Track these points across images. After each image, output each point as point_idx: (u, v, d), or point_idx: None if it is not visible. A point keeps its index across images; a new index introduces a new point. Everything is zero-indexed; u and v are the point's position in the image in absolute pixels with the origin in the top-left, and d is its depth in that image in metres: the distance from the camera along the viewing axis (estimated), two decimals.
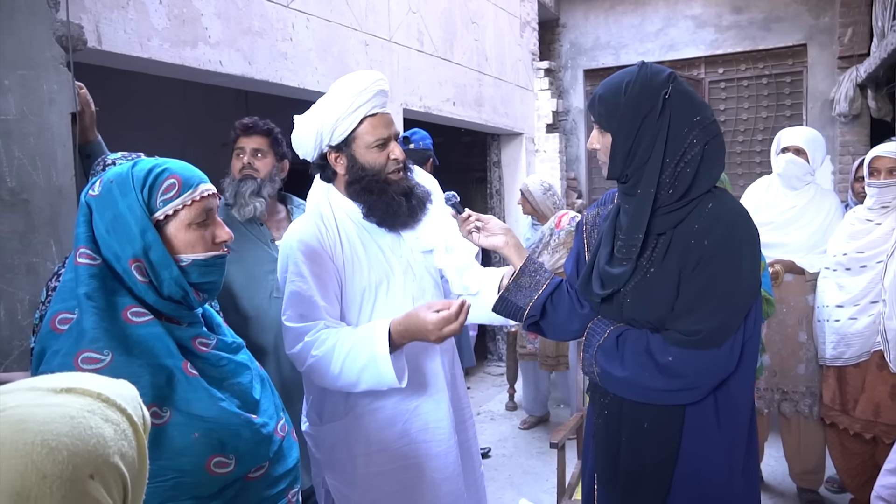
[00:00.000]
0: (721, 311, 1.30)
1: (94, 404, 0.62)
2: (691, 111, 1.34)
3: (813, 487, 3.13)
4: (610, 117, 1.38)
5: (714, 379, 1.33)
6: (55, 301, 1.11)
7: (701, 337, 1.29)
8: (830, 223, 2.93)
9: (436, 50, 4.54)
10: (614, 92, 1.37)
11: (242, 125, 2.23)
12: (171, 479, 1.04)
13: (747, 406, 1.40)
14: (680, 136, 1.32)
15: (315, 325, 1.56)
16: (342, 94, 1.62)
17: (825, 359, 2.81)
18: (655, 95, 1.33)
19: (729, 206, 1.35)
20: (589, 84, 6.65)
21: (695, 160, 1.32)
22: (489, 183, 5.97)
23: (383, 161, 1.65)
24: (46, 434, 0.55)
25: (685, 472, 1.37)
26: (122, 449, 0.61)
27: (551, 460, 3.46)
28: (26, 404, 0.59)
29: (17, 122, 1.89)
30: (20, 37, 1.89)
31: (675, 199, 1.33)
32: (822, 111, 5.65)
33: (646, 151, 1.34)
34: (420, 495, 1.67)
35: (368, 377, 1.51)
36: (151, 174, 1.10)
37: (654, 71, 1.37)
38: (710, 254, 1.30)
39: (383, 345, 1.48)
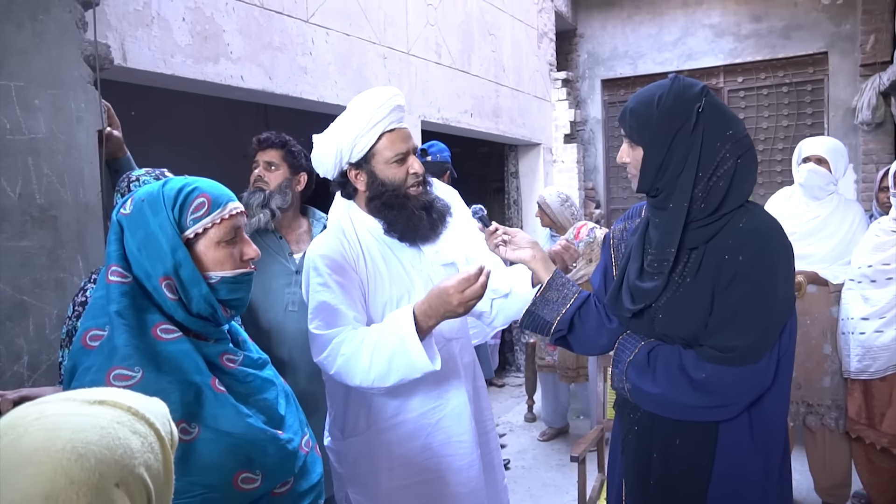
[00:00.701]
0: (757, 327, 1.28)
1: (123, 416, 0.64)
2: (724, 125, 1.33)
3: (839, 502, 3.07)
4: (641, 130, 1.37)
5: (749, 395, 1.31)
6: (86, 317, 1.13)
7: (737, 353, 1.28)
8: (854, 234, 2.89)
9: (453, 62, 4.56)
10: (646, 105, 1.36)
11: (258, 139, 2.27)
12: (200, 495, 1.05)
13: (782, 422, 1.38)
14: (713, 150, 1.31)
15: (342, 329, 1.57)
16: (360, 111, 1.64)
17: (850, 372, 2.77)
18: (689, 108, 1.32)
19: (763, 221, 1.33)
20: (606, 94, 6.64)
21: (728, 174, 1.31)
22: (507, 194, 5.97)
23: (403, 176, 1.67)
24: (77, 441, 0.58)
25: (719, 488, 1.36)
26: (147, 461, 0.63)
27: (571, 472, 3.44)
28: (61, 413, 0.61)
29: (45, 141, 1.93)
30: (50, 57, 1.94)
31: (708, 213, 1.32)
32: (843, 119, 5.58)
33: (678, 165, 1.33)
34: None
35: (399, 363, 1.48)
36: (182, 193, 1.12)
37: (687, 84, 1.36)
38: (745, 269, 1.28)
39: (409, 326, 1.46)
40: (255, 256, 1.19)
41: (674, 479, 1.40)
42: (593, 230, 3.87)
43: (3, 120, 1.83)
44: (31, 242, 1.91)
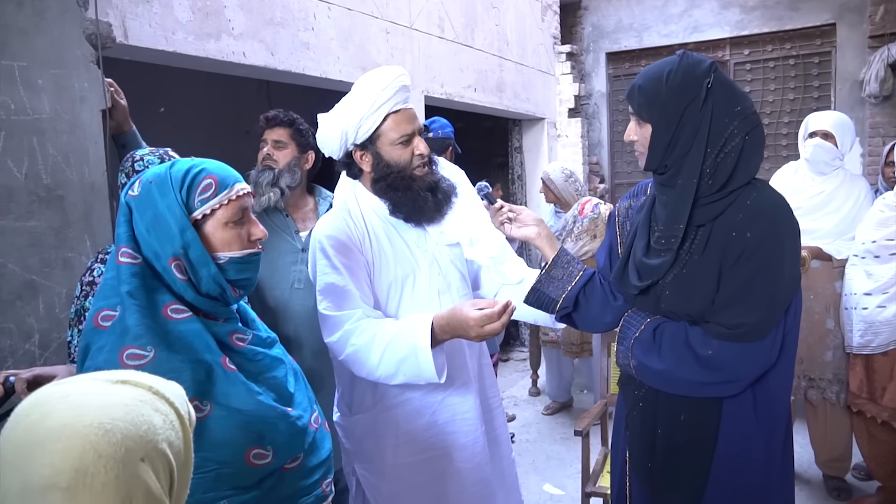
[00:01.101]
0: (764, 304, 1.29)
1: (145, 395, 0.67)
2: (733, 101, 1.33)
3: (839, 475, 3.12)
4: (650, 107, 1.37)
5: (755, 372, 1.33)
6: (98, 298, 1.14)
7: (744, 330, 1.29)
8: (860, 209, 2.88)
9: (456, 36, 4.52)
10: (655, 81, 1.35)
11: (265, 118, 2.26)
12: (213, 471, 1.08)
13: (785, 398, 1.40)
14: (722, 126, 1.31)
15: (353, 313, 1.58)
16: (365, 92, 1.63)
17: (852, 347, 2.78)
18: (698, 85, 1.32)
19: (771, 199, 1.34)
20: (611, 67, 6.58)
21: (735, 150, 1.31)
22: (511, 169, 5.95)
23: (408, 157, 1.66)
24: (103, 418, 0.61)
25: (723, 464, 1.38)
26: (169, 438, 0.66)
27: (575, 446, 3.49)
28: (86, 391, 0.64)
29: (50, 121, 1.93)
30: (52, 36, 1.93)
31: (715, 189, 1.33)
32: (850, 92, 5.53)
33: (687, 142, 1.33)
34: (448, 485, 1.70)
35: (407, 369, 1.52)
36: (189, 174, 1.13)
37: (696, 60, 1.35)
38: (753, 246, 1.29)
39: (425, 338, 1.49)
40: (262, 237, 1.20)
41: (678, 454, 1.42)
42: (597, 206, 3.86)
43: (8, 100, 1.83)
44: (38, 222, 1.92)
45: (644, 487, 1.51)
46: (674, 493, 1.44)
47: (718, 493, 1.39)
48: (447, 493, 1.70)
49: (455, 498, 1.70)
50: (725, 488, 1.38)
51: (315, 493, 1.23)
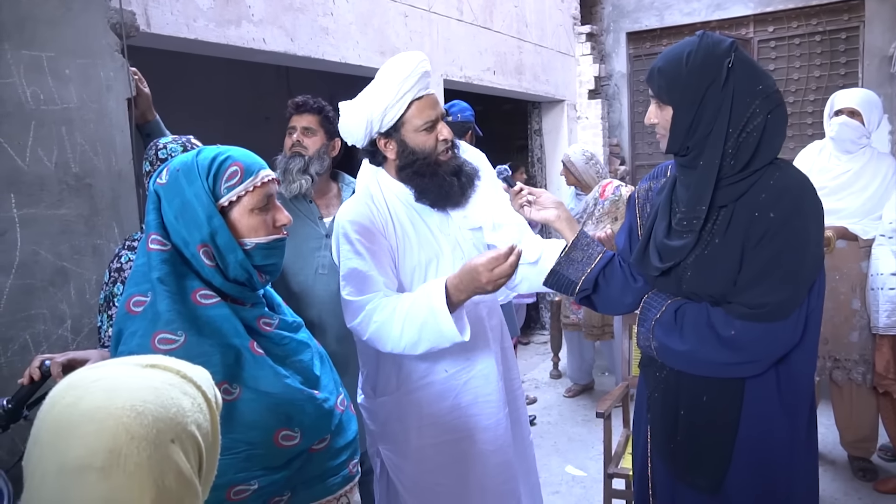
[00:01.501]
0: (788, 284, 1.29)
1: (174, 379, 0.69)
2: (755, 80, 1.32)
3: (865, 456, 3.09)
4: (671, 89, 1.36)
5: (778, 351, 1.33)
6: (129, 284, 1.17)
7: (768, 309, 1.29)
8: (887, 188, 2.83)
9: (475, 18, 4.49)
10: (675, 63, 1.34)
11: (294, 104, 2.27)
12: (244, 452, 1.11)
13: (809, 378, 1.40)
14: (743, 106, 1.30)
15: (375, 296, 1.60)
16: (388, 80, 1.64)
17: (879, 328, 2.75)
18: (719, 65, 1.31)
19: (795, 178, 1.33)
20: (632, 47, 6.48)
21: (757, 130, 1.30)
22: (530, 151, 5.92)
23: (433, 143, 1.67)
24: (135, 400, 0.63)
25: (746, 444, 1.38)
26: (198, 420, 0.68)
27: (596, 428, 3.50)
28: (117, 375, 0.66)
29: (77, 110, 1.97)
30: (77, 26, 1.96)
31: (738, 170, 1.32)
32: (879, 68, 5.39)
33: (709, 123, 1.32)
34: (471, 466, 1.72)
35: (429, 333, 1.52)
36: (215, 162, 1.15)
37: (716, 40, 1.34)
38: (776, 226, 1.28)
39: (440, 298, 1.50)
40: (287, 222, 1.22)
41: (700, 435, 1.43)
42: (619, 188, 3.84)
43: (37, 90, 1.87)
44: (68, 210, 1.97)
45: (666, 469, 1.52)
46: (696, 474, 1.44)
47: (741, 472, 1.39)
48: (470, 474, 1.72)
49: (478, 480, 1.72)
50: (749, 468, 1.39)
51: (342, 474, 1.26)
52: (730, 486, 1.41)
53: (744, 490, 1.40)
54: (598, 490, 2.75)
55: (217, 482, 1.09)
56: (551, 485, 3.17)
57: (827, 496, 2.91)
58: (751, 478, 1.39)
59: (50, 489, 0.60)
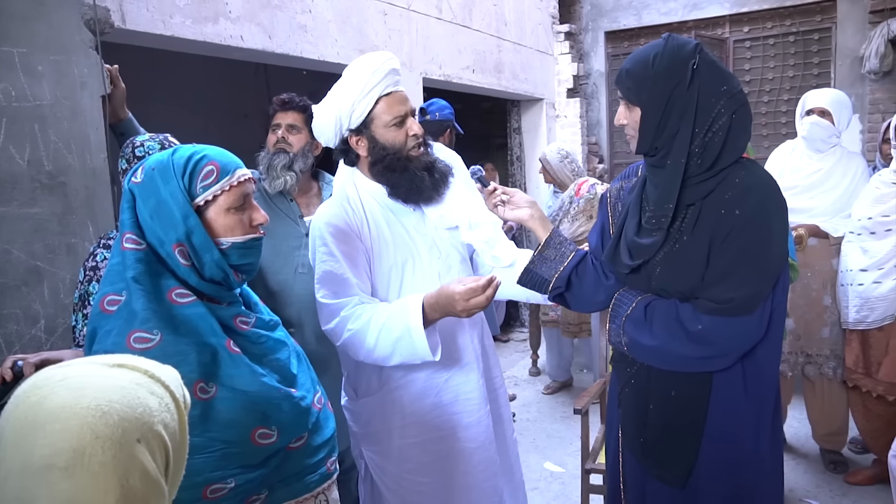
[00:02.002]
0: (753, 279, 1.33)
1: (142, 379, 0.69)
2: (719, 81, 1.35)
3: (836, 448, 3.16)
4: (639, 91, 1.39)
5: (744, 345, 1.36)
6: (103, 283, 1.16)
7: (734, 304, 1.33)
8: (856, 187, 2.90)
9: (454, 17, 4.50)
10: (642, 65, 1.38)
11: (280, 101, 2.26)
12: (220, 450, 1.11)
13: (774, 373, 1.43)
14: (709, 106, 1.34)
15: (350, 300, 1.62)
16: (355, 77, 1.65)
17: (848, 322, 2.81)
18: (684, 66, 1.34)
19: (760, 177, 1.37)
20: (610, 46, 6.54)
21: (723, 129, 1.34)
22: (510, 150, 5.95)
23: (402, 138, 1.69)
24: (100, 400, 0.62)
25: (713, 438, 1.41)
26: (165, 420, 0.68)
27: (575, 424, 3.53)
28: (84, 374, 0.66)
29: (51, 107, 1.94)
30: (51, 22, 1.93)
31: (704, 169, 1.36)
32: (851, 69, 5.50)
33: (676, 123, 1.36)
34: (453, 464, 1.73)
35: (402, 349, 1.56)
36: (191, 161, 1.14)
37: (681, 42, 1.38)
38: (741, 224, 1.32)
39: (417, 317, 1.53)
40: (263, 222, 1.22)
41: (669, 429, 1.46)
42: (594, 186, 3.88)
43: (9, 87, 1.84)
44: (41, 209, 1.94)
45: (637, 463, 1.55)
46: (665, 467, 1.48)
47: (709, 466, 1.42)
48: (453, 472, 1.73)
49: (461, 477, 1.74)
50: (715, 462, 1.42)
51: (320, 472, 1.27)
52: (698, 479, 1.44)
53: (711, 484, 1.43)
54: (577, 486, 2.78)
55: (193, 480, 1.10)
56: (530, 481, 3.19)
57: (799, 488, 2.98)
58: (718, 472, 1.42)
59: (13, 488, 0.59)
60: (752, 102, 5.92)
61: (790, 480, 3.04)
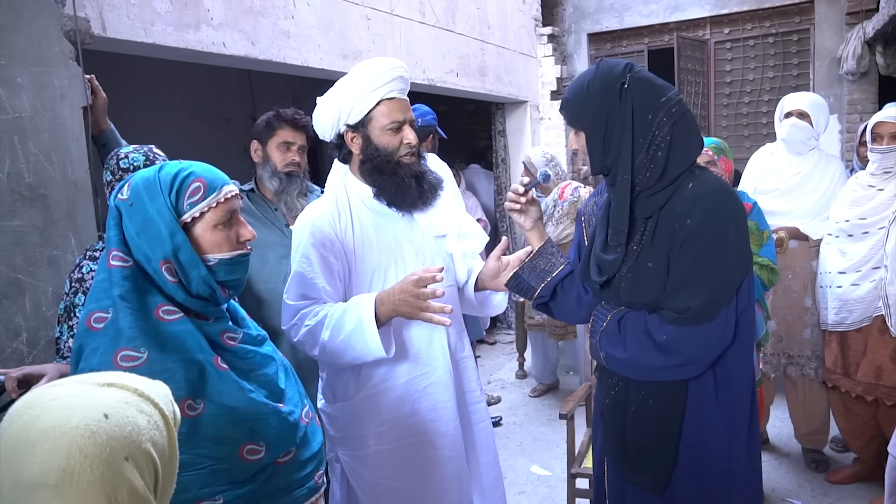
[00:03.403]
0: (709, 287, 1.34)
1: (131, 398, 0.70)
2: (654, 95, 1.39)
3: (817, 448, 3.22)
4: (580, 116, 1.46)
5: (711, 352, 1.38)
6: (90, 300, 1.16)
7: (692, 313, 1.35)
8: (834, 189, 2.94)
9: (438, 21, 4.50)
10: (578, 92, 1.45)
11: (292, 119, 2.24)
12: (208, 467, 1.11)
13: (746, 378, 1.45)
14: (646, 121, 1.38)
15: (311, 302, 1.66)
16: (362, 75, 1.68)
17: (827, 324, 2.86)
18: (615, 87, 1.39)
19: (709, 184, 1.39)
20: (593, 48, 6.57)
21: (665, 141, 1.37)
22: (495, 152, 5.96)
23: (396, 144, 1.71)
24: (89, 420, 0.64)
25: (689, 445, 1.44)
26: (153, 438, 0.69)
27: (561, 427, 3.56)
28: (74, 394, 0.68)
29: (31, 119, 1.93)
30: (29, 34, 1.91)
31: (654, 181, 1.39)
32: (829, 70, 5.58)
33: (618, 142, 1.40)
34: (428, 471, 1.74)
35: (355, 344, 1.57)
36: (178, 178, 1.14)
37: (611, 65, 1.44)
38: (694, 232, 1.34)
39: (369, 311, 1.56)
40: (251, 238, 1.22)
41: (647, 438, 1.48)
42: (577, 189, 3.90)
43: None
44: (22, 221, 1.92)
45: (619, 472, 1.57)
46: (642, 475, 1.50)
47: (686, 473, 1.45)
48: (428, 479, 1.74)
49: (435, 484, 1.75)
50: (691, 469, 1.44)
51: (308, 486, 1.27)
52: (675, 486, 1.46)
53: (687, 490, 1.45)
54: (563, 489, 2.80)
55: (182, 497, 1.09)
56: (517, 485, 3.21)
57: (782, 487, 3.02)
58: (694, 479, 1.45)
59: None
60: (732, 104, 6.01)
61: (773, 480, 3.09)
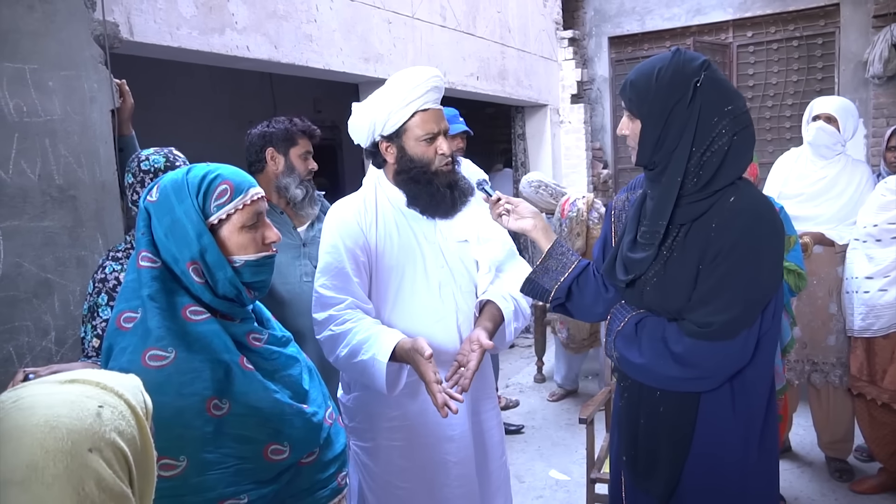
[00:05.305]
0: (735, 305, 1.30)
1: (92, 391, 0.72)
2: (723, 100, 1.33)
3: (842, 456, 3.16)
4: (640, 104, 1.38)
5: (727, 370, 1.34)
6: (119, 300, 1.18)
7: (713, 329, 1.30)
8: (861, 194, 2.90)
9: (458, 24, 4.51)
10: (646, 78, 1.36)
11: (310, 130, 2.31)
12: (233, 466, 1.12)
13: (765, 389, 1.41)
14: (709, 126, 1.32)
15: (345, 300, 1.67)
16: (397, 88, 1.70)
17: (854, 330, 2.82)
18: (687, 83, 1.32)
19: (752, 200, 1.34)
20: (614, 52, 6.55)
21: (721, 150, 1.32)
22: (514, 156, 5.96)
23: (431, 155, 1.72)
24: (49, 416, 0.67)
25: (700, 453, 1.40)
26: (119, 427, 0.71)
27: (580, 432, 3.53)
28: (36, 394, 0.70)
29: (61, 122, 1.96)
30: (61, 38, 1.95)
31: (699, 188, 1.33)
32: (854, 73, 5.50)
33: (674, 139, 1.34)
34: (432, 475, 1.75)
35: (364, 373, 1.62)
36: (205, 180, 1.16)
37: (688, 58, 1.35)
38: (728, 248, 1.30)
39: (386, 353, 1.57)
40: (276, 240, 1.23)
41: (657, 445, 1.46)
42: (574, 203, 3.92)
43: (20, 103, 1.86)
44: (52, 222, 1.96)
45: (631, 475, 1.56)
46: (651, 480, 1.48)
47: (694, 483, 1.42)
48: (432, 482, 1.76)
49: (439, 489, 1.76)
50: (700, 478, 1.41)
51: (331, 486, 1.28)
52: (683, 495, 1.43)
53: (696, 500, 1.42)
54: (582, 494, 2.78)
55: (207, 496, 1.11)
56: (535, 489, 3.20)
57: (804, 497, 2.98)
58: (702, 486, 1.42)
59: None
60: (755, 108, 5.94)
61: (795, 488, 3.05)
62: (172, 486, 1.07)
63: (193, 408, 1.10)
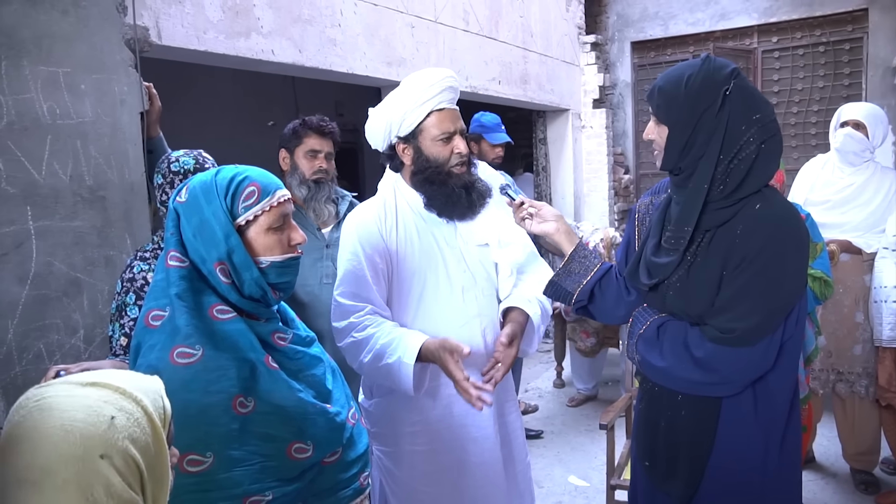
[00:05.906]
0: (758, 312, 1.30)
1: (111, 396, 0.74)
2: (752, 108, 1.33)
3: (867, 468, 3.11)
4: (668, 110, 1.38)
5: (748, 376, 1.34)
6: (148, 299, 1.20)
7: (735, 335, 1.31)
8: (890, 202, 2.85)
9: (481, 29, 4.53)
10: (675, 84, 1.36)
11: (318, 127, 2.28)
12: (258, 463, 1.14)
13: (787, 395, 1.41)
14: (737, 134, 1.32)
15: (364, 307, 1.67)
16: (412, 88, 1.71)
17: (882, 340, 2.77)
18: (716, 91, 1.32)
19: (777, 208, 1.34)
20: (636, 56, 6.52)
21: (749, 158, 1.32)
22: (535, 160, 5.95)
23: (447, 154, 1.73)
24: (64, 420, 0.69)
25: (720, 459, 1.40)
26: (133, 435, 0.73)
27: (600, 438, 3.51)
28: (56, 395, 0.72)
29: (92, 124, 2.01)
30: (93, 42, 2.00)
31: (725, 195, 1.34)
32: (883, 79, 5.42)
33: (702, 146, 1.34)
34: (457, 477, 1.75)
35: (389, 376, 1.62)
36: (233, 182, 1.18)
37: (718, 65, 1.35)
38: (752, 255, 1.30)
39: (412, 355, 1.58)
40: (302, 241, 1.25)
41: (677, 448, 1.46)
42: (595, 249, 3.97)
43: (53, 105, 1.91)
44: (82, 222, 2.00)
45: (647, 477, 1.56)
46: (671, 484, 1.47)
47: (714, 486, 1.41)
48: (457, 485, 1.75)
49: (465, 492, 1.75)
50: (721, 482, 1.41)
51: (353, 486, 1.29)
52: (703, 497, 1.43)
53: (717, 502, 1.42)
54: (601, 501, 2.76)
55: (233, 492, 1.13)
56: (554, 495, 3.18)
57: None
58: (722, 491, 1.41)
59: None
60: (780, 113, 5.87)
61: (819, 500, 3.00)
62: (198, 482, 1.09)
63: (220, 405, 1.11)
